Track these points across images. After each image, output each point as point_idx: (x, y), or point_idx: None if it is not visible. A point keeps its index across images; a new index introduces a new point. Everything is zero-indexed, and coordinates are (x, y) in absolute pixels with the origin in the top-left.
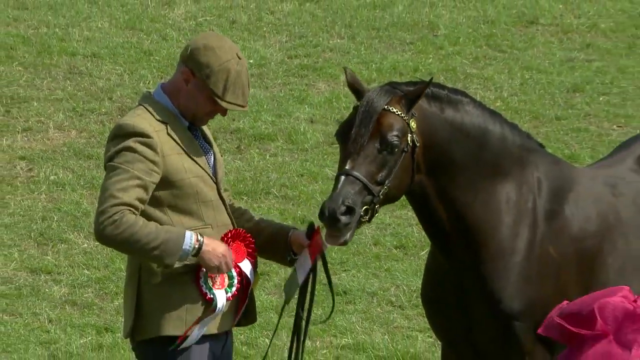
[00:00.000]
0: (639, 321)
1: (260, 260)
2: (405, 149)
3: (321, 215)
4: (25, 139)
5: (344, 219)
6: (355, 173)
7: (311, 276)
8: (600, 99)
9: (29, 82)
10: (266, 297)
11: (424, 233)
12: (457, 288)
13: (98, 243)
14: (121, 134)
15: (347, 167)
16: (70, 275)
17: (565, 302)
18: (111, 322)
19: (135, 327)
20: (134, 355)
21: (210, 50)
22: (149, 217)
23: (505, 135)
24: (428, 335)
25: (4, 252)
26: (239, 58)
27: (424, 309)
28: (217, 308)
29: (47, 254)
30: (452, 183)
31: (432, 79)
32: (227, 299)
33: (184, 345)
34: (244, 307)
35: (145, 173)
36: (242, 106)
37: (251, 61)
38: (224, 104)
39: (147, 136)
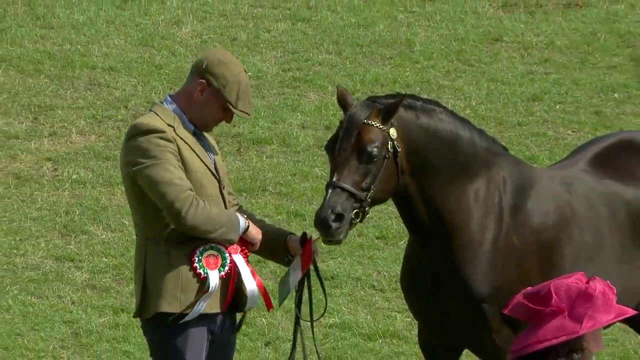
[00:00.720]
0: (590, 299)
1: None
2: (387, 156)
3: (315, 223)
4: (51, 142)
5: (334, 225)
6: (341, 184)
7: (306, 281)
8: (557, 107)
9: (54, 92)
10: (263, 282)
11: (402, 225)
12: (432, 274)
13: (115, 235)
14: (137, 132)
15: (334, 180)
16: (90, 262)
17: (529, 288)
18: (126, 304)
19: (141, 308)
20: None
21: (223, 64)
22: None
23: (474, 139)
24: (406, 315)
25: (32, 242)
26: (245, 72)
27: (403, 292)
28: (211, 287)
29: (70, 243)
30: (430, 183)
31: (405, 94)
32: (220, 277)
33: (186, 319)
34: (233, 292)
35: (174, 159)
36: (249, 114)
37: (250, 74)
38: (236, 112)
39: (162, 131)
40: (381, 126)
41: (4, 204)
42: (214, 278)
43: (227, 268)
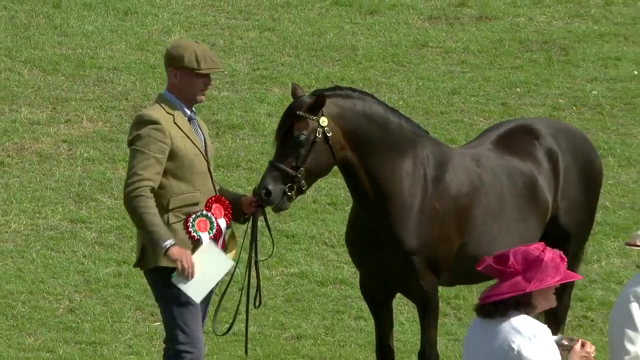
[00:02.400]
0: (541, 264)
1: None
2: (316, 140)
3: (255, 195)
4: (66, 128)
5: (266, 198)
6: (276, 164)
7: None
8: (472, 99)
9: (68, 87)
10: None
11: (348, 194)
12: (371, 232)
13: (118, 202)
14: (139, 122)
15: (272, 160)
16: (98, 224)
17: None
18: (127, 257)
19: (140, 260)
20: (144, 281)
21: (176, 47)
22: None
23: (402, 124)
24: (351, 266)
25: (51, 207)
26: (198, 42)
27: (347, 247)
28: (203, 244)
29: (82, 209)
30: (368, 156)
31: (323, 93)
32: (210, 238)
33: (199, 250)
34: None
35: (158, 151)
36: (217, 68)
37: (226, 72)
38: (202, 72)
39: (158, 123)
40: (312, 117)
41: (29, 177)
42: (205, 238)
43: (214, 230)
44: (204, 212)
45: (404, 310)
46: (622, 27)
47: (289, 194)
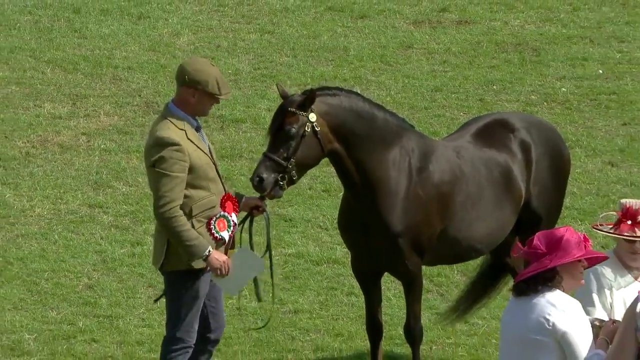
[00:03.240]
0: (561, 243)
1: None
2: (305, 134)
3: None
4: (85, 121)
5: (258, 186)
6: (269, 154)
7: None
8: (453, 96)
9: (87, 85)
10: None
11: (340, 182)
12: (360, 217)
13: (132, 189)
14: (159, 144)
15: (265, 151)
16: (114, 208)
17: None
18: (140, 239)
19: (165, 262)
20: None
21: (198, 71)
22: None
23: (387, 118)
24: (343, 247)
25: (72, 194)
26: (213, 65)
27: (339, 231)
28: (226, 241)
29: (99, 195)
30: (356, 148)
31: (313, 89)
32: (229, 236)
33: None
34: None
35: (180, 171)
36: (230, 92)
37: (230, 72)
38: (222, 97)
39: (178, 144)
40: (302, 113)
41: (52, 166)
42: (226, 236)
43: (232, 227)
44: (221, 212)
45: (391, 287)
46: (588, 31)
47: (281, 183)
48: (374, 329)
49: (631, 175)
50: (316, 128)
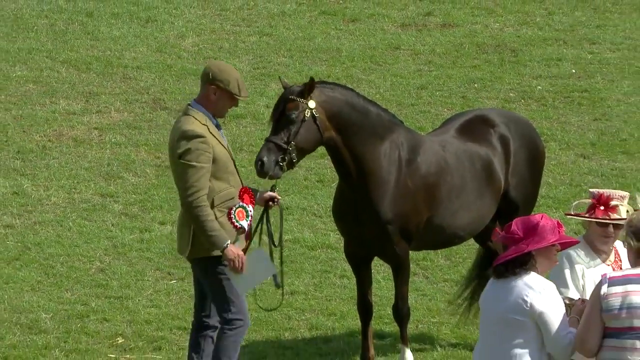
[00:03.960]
0: (537, 228)
1: None
2: (304, 119)
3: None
4: (97, 117)
5: (260, 169)
6: (271, 138)
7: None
8: (437, 93)
9: (99, 83)
10: None
11: (334, 172)
12: (353, 205)
13: (141, 179)
14: (185, 136)
15: (268, 136)
16: (124, 198)
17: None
18: (149, 226)
19: (191, 250)
20: (162, 245)
21: (223, 71)
22: None
23: (379, 113)
24: (336, 234)
25: (85, 184)
26: (235, 69)
27: (333, 218)
28: (245, 230)
29: (111, 185)
30: (351, 138)
31: (312, 79)
32: (248, 225)
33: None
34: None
35: (206, 161)
36: (247, 96)
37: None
38: (241, 98)
39: (203, 137)
40: (301, 100)
41: (66, 159)
42: (245, 225)
43: (250, 218)
44: (240, 203)
45: (380, 270)
46: (562, 33)
47: (281, 164)
48: (365, 309)
49: (601, 166)
50: (315, 114)
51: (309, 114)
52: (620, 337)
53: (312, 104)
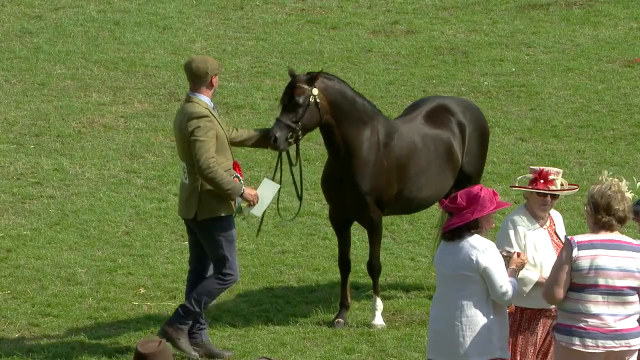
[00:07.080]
0: (479, 198)
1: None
2: (309, 104)
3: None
4: (123, 107)
5: (273, 143)
6: (281, 119)
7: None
8: (402, 88)
9: (124, 79)
10: None
11: (319, 151)
12: (339, 178)
13: (159, 158)
14: (194, 117)
15: (277, 117)
16: (144, 174)
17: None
18: (166, 197)
19: (198, 212)
20: (176, 212)
21: (215, 62)
22: None
23: (364, 103)
24: (320, 202)
25: (112, 163)
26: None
27: (322, 187)
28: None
29: (134, 163)
30: (343, 122)
31: (320, 72)
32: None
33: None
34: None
35: (213, 136)
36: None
37: (233, 70)
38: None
39: (208, 116)
40: (307, 87)
41: (97, 142)
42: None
43: (242, 182)
44: (235, 173)
45: (355, 233)
46: (504, 39)
47: (290, 140)
48: (344, 265)
49: (536, 148)
50: (317, 100)
51: (312, 99)
52: (583, 292)
53: (315, 91)
